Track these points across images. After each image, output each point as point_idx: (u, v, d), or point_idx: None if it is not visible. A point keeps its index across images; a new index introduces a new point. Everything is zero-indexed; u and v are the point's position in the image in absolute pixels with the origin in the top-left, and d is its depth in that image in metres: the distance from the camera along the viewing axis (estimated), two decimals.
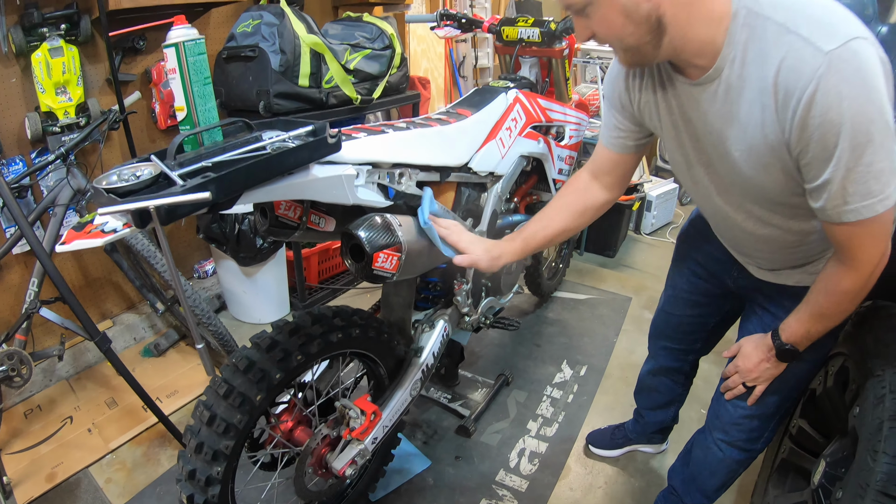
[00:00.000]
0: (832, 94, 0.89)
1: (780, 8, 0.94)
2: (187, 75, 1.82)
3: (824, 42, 0.88)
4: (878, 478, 1.04)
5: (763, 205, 1.18)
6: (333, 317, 1.48)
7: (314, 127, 1.20)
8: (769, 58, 0.94)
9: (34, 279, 2.19)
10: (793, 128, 0.95)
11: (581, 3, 0.99)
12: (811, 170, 0.99)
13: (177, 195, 0.89)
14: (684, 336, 1.80)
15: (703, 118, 1.11)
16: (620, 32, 1.00)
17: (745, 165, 1.10)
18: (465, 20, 2.36)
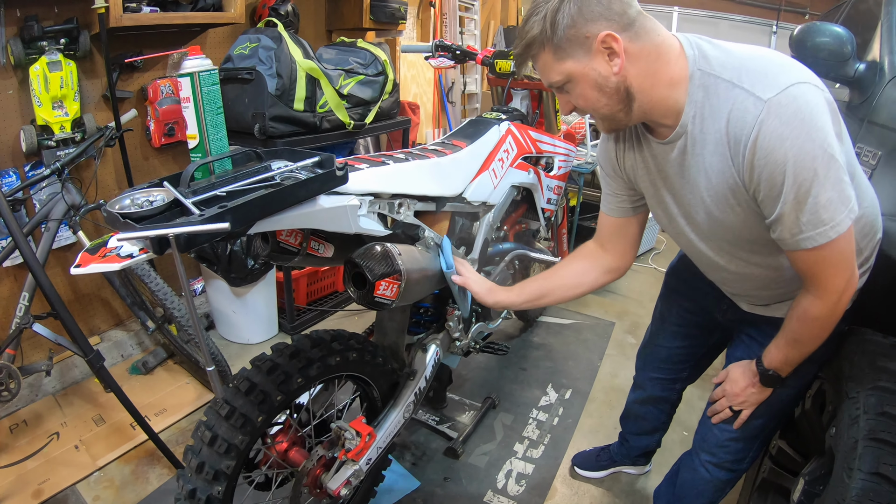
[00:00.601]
0: (773, 136, 1.01)
1: (728, 67, 1.08)
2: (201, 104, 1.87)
3: (763, 91, 1.02)
4: (854, 493, 1.09)
5: (742, 245, 1.28)
6: (332, 340, 1.53)
7: (320, 158, 1.25)
8: (720, 111, 1.08)
9: (25, 293, 2.20)
10: (743, 170, 1.09)
11: (560, 82, 1.15)
12: (766, 206, 1.11)
13: (196, 224, 0.93)
14: (673, 367, 1.86)
15: (676, 172, 1.23)
16: (596, 104, 1.16)
17: (716, 210, 1.21)
18: (459, 52, 2.43)
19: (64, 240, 2.53)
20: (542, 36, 1.10)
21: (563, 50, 1.10)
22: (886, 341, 1.35)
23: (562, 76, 1.14)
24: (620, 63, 1.09)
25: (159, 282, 2.30)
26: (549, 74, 1.16)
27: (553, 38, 1.09)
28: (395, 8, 3.80)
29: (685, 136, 1.16)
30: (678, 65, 1.12)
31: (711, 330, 1.73)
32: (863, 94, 1.97)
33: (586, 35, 1.07)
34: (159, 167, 2.96)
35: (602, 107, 1.16)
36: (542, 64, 1.15)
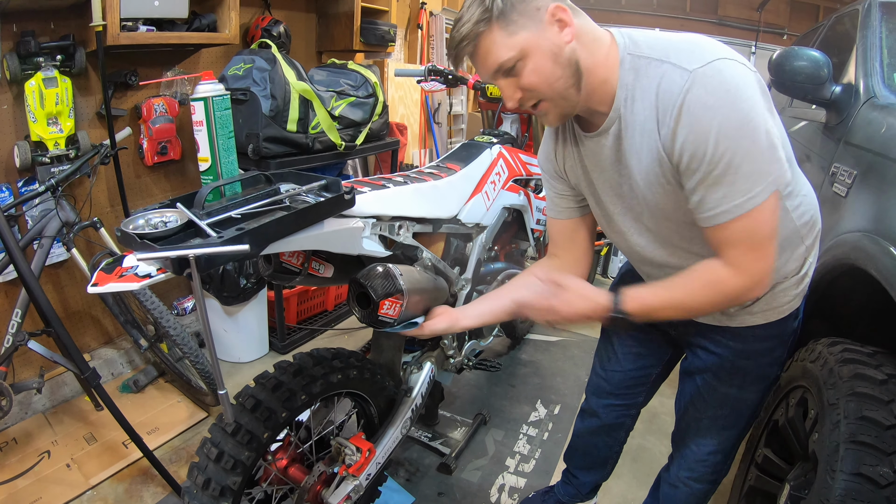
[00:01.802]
0: (698, 105, 1.02)
1: (655, 47, 1.11)
2: (214, 129, 1.90)
3: (689, 63, 1.04)
4: (837, 493, 1.15)
5: (680, 232, 1.24)
6: (333, 359, 1.57)
7: (326, 182, 1.30)
8: (649, 88, 1.09)
9: (18, 310, 2.19)
10: (667, 139, 1.08)
11: (513, 59, 1.11)
12: (687, 177, 1.09)
13: (217, 246, 0.97)
14: (628, 391, 1.80)
15: (612, 163, 1.24)
16: (551, 77, 1.12)
17: (648, 192, 1.19)
18: (451, 76, 2.49)
19: (56, 256, 2.54)
20: (490, 13, 1.08)
21: (514, 23, 1.09)
22: (864, 350, 1.41)
23: (515, 51, 1.10)
24: (572, 32, 1.10)
25: (155, 300, 2.32)
26: (498, 53, 1.11)
27: (503, 11, 1.08)
28: (384, 31, 3.88)
29: (618, 122, 1.17)
30: (611, 52, 1.14)
31: (664, 346, 1.70)
32: (839, 116, 2.05)
33: (536, 7, 1.09)
34: (152, 185, 2.99)
35: (557, 80, 1.13)
36: (490, 44, 1.11)
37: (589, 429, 1.92)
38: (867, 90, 1.99)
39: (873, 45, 2.19)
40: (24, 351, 2.20)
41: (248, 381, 1.52)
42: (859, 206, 1.62)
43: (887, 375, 1.30)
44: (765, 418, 1.74)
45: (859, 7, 2.49)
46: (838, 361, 1.40)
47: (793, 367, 1.63)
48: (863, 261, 1.42)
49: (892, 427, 1.20)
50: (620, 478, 2.29)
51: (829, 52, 2.21)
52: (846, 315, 1.77)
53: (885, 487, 1.12)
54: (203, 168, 1.99)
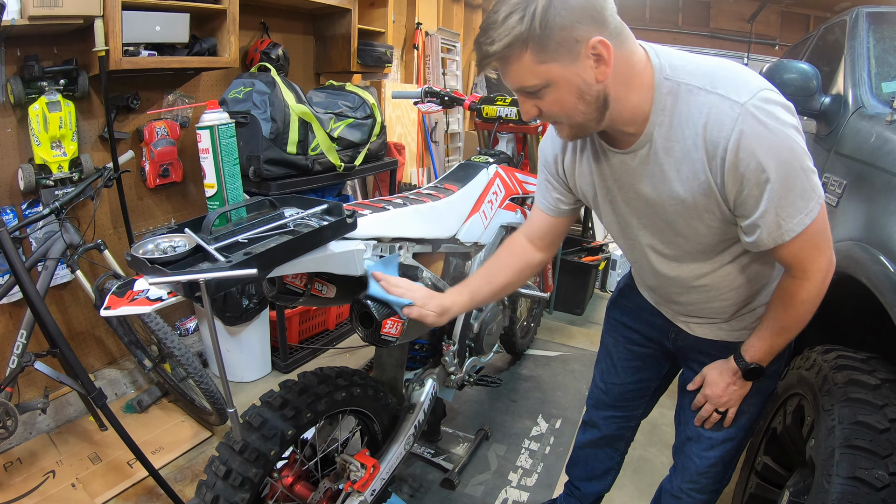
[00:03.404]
0: (753, 136, 1.04)
1: (697, 74, 1.10)
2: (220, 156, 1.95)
3: (738, 96, 1.05)
4: (834, 497, 1.17)
5: (698, 250, 1.31)
6: (337, 377, 1.59)
7: (328, 205, 1.34)
8: (694, 117, 1.09)
9: (23, 331, 2.21)
10: (724, 173, 1.09)
11: (537, 86, 1.09)
12: (747, 206, 1.12)
13: (226, 270, 1.01)
14: (627, 403, 1.84)
15: (635, 181, 1.24)
16: (572, 111, 1.11)
17: (679, 218, 1.23)
18: (447, 98, 2.53)
19: (60, 278, 2.56)
20: (528, 34, 1.01)
21: (548, 52, 1.03)
22: (858, 356, 1.44)
23: (540, 80, 1.07)
24: (607, 71, 1.06)
25: (159, 321, 2.34)
26: (523, 77, 1.08)
27: (540, 38, 1.02)
28: (381, 52, 3.94)
29: (650, 145, 1.16)
30: (646, 72, 1.12)
31: (662, 360, 1.73)
32: (829, 126, 2.08)
33: (576, 38, 1.02)
34: (154, 207, 3.02)
35: (577, 115, 1.12)
36: (518, 67, 1.07)
37: (590, 440, 1.95)
38: (856, 100, 2.03)
39: (861, 55, 2.23)
40: (29, 371, 2.21)
41: (251, 401, 1.54)
42: (849, 215, 1.64)
43: (880, 380, 1.33)
44: (763, 426, 1.77)
45: (847, 18, 2.54)
46: (832, 368, 1.43)
47: (789, 375, 1.66)
48: (853, 269, 1.45)
49: (886, 431, 1.22)
50: (622, 489, 2.31)
51: (819, 63, 2.26)
52: (840, 322, 1.80)
53: (880, 490, 1.15)
54: (209, 194, 2.03)
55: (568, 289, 3.99)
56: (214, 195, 1.99)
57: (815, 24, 6.81)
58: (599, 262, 4.03)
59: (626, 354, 1.76)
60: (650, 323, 1.66)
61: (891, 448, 1.20)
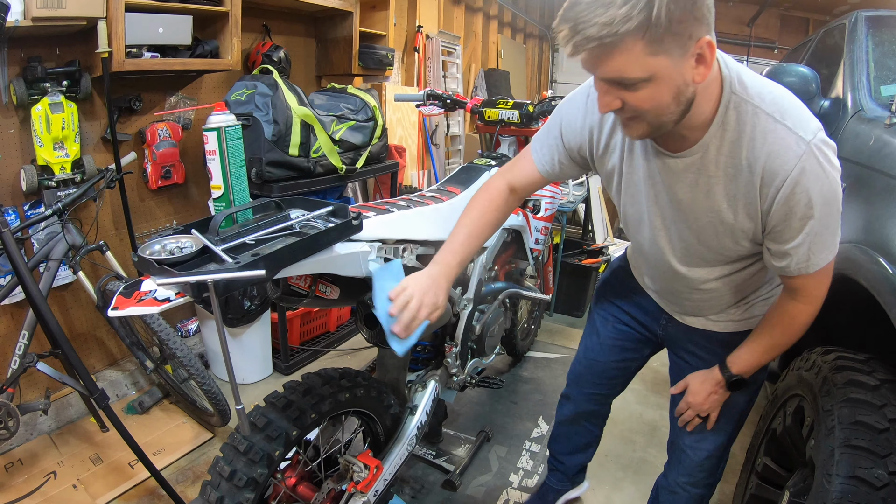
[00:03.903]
0: (812, 175, 1.08)
1: (765, 98, 1.10)
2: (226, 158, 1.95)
3: (804, 132, 1.08)
4: (834, 496, 1.18)
5: (712, 263, 1.36)
6: (340, 378, 1.60)
7: (334, 207, 1.35)
8: (757, 141, 1.10)
9: (25, 332, 2.22)
10: (775, 202, 1.12)
11: (638, 79, 1.01)
12: (784, 236, 1.16)
13: (234, 271, 1.02)
14: (609, 381, 1.91)
15: (675, 185, 1.24)
16: (663, 110, 1.06)
17: (710, 230, 1.26)
18: (449, 101, 2.54)
19: (61, 279, 2.57)
20: (650, 23, 0.93)
21: (661, 44, 0.96)
22: (857, 357, 1.46)
23: (645, 73, 0.99)
24: (706, 73, 1.03)
25: (161, 322, 2.35)
26: (626, 67, 0.99)
27: (657, 27, 0.94)
28: (382, 55, 3.95)
29: (701, 154, 1.16)
30: (716, 82, 1.10)
31: (647, 344, 1.79)
32: (828, 129, 2.10)
33: (690, 35, 0.97)
34: (156, 209, 3.03)
35: (666, 114, 1.07)
36: (625, 55, 0.98)
37: (569, 417, 2.04)
38: (855, 104, 2.05)
39: (860, 58, 2.25)
40: (31, 372, 2.22)
41: (252, 402, 1.55)
42: (849, 217, 1.65)
43: (880, 381, 1.35)
44: (764, 427, 1.78)
45: (846, 21, 2.55)
46: (832, 369, 1.45)
47: (789, 376, 1.68)
48: (852, 271, 1.47)
49: (886, 430, 1.24)
50: (623, 490, 2.32)
51: (819, 66, 2.27)
52: (840, 324, 1.81)
53: (880, 489, 1.16)
54: (216, 195, 2.03)
55: (568, 291, 4.01)
56: (221, 196, 1.99)
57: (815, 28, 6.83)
58: (600, 265, 4.05)
59: (614, 333, 1.81)
60: (643, 307, 1.72)
61: (890, 448, 1.21)
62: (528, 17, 7.96)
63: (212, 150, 1.97)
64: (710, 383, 1.49)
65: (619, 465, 2.48)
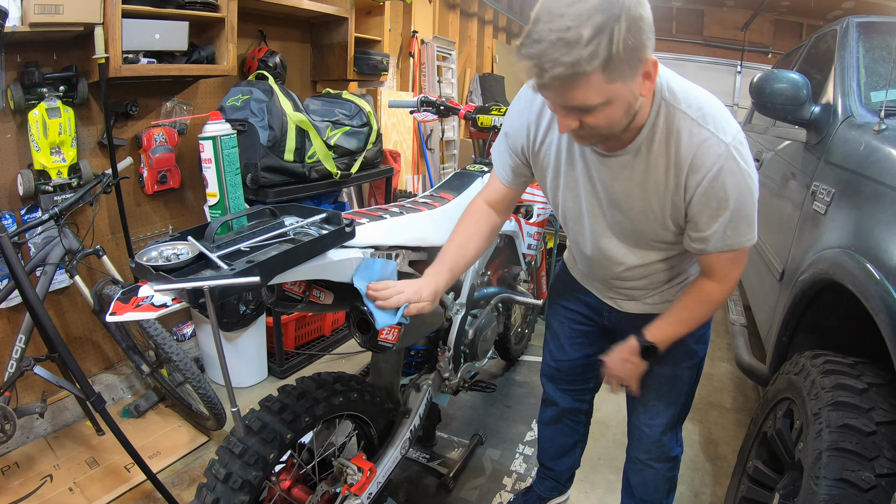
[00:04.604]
0: (730, 173, 1.21)
1: (692, 105, 1.23)
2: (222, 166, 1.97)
3: (725, 135, 1.21)
4: (821, 499, 1.20)
5: (644, 245, 1.46)
6: (334, 382, 1.62)
7: (327, 214, 1.37)
8: (683, 142, 1.22)
9: (21, 335, 2.23)
10: (695, 194, 1.25)
11: (599, 104, 1.09)
12: (700, 223, 1.29)
13: (230, 278, 1.03)
14: (578, 377, 1.98)
15: (611, 181, 1.36)
16: (616, 124, 1.17)
17: (642, 217, 1.37)
18: (443, 107, 2.55)
19: (58, 283, 2.58)
20: (604, 59, 1.00)
21: (617, 72, 1.04)
22: (846, 360, 1.47)
23: (604, 98, 1.07)
24: (651, 86, 1.13)
25: (157, 326, 2.36)
26: (588, 97, 1.07)
27: (613, 61, 1.01)
28: (377, 60, 3.97)
29: (634, 154, 1.28)
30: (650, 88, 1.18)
31: (602, 335, 1.86)
32: (819, 135, 2.11)
33: (640, 59, 1.06)
34: (152, 213, 3.04)
35: (618, 127, 1.18)
36: (585, 88, 1.05)
37: (550, 417, 2.10)
38: (845, 110, 2.06)
39: (850, 65, 2.26)
40: (27, 376, 2.22)
41: (247, 406, 1.57)
42: (838, 223, 1.69)
43: (867, 384, 1.36)
44: (754, 430, 1.80)
45: (838, 27, 2.57)
46: (820, 373, 1.46)
47: (779, 380, 1.70)
48: (841, 276, 1.49)
49: (873, 433, 1.25)
50: (615, 493, 2.31)
51: (811, 72, 2.29)
52: (829, 328, 1.83)
53: (867, 491, 1.17)
54: (211, 203, 2.05)
55: None
56: (216, 204, 2.01)
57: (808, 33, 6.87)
58: None
59: (571, 333, 1.91)
60: (585, 303, 1.82)
61: (877, 451, 1.22)
62: (523, 22, 7.99)
63: (207, 159, 1.99)
64: (625, 351, 1.58)
65: (611, 469, 2.50)
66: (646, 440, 1.78)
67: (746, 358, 2.38)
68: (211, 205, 2.02)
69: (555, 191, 1.52)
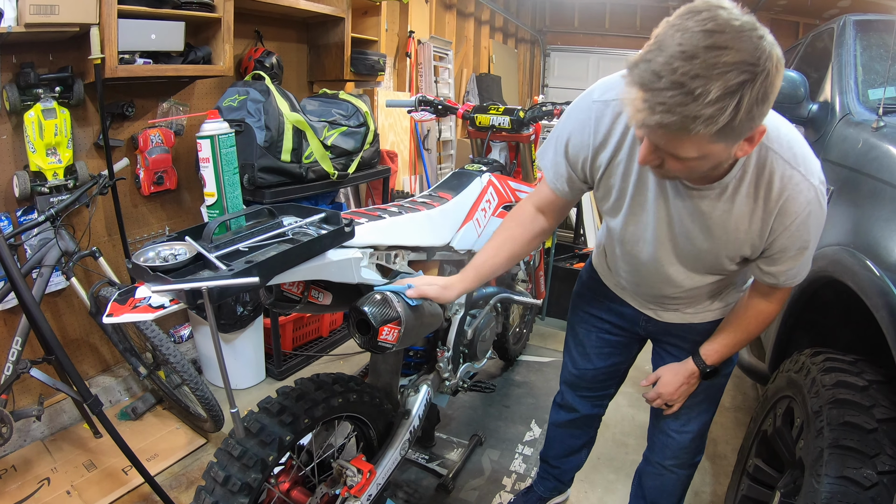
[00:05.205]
0: (814, 216, 1.21)
1: (784, 145, 1.18)
2: (220, 165, 1.96)
3: (812, 178, 1.18)
4: (823, 496, 1.20)
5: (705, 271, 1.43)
6: (333, 383, 1.61)
7: (326, 214, 1.36)
8: (775, 184, 1.18)
9: (18, 338, 2.22)
10: (781, 233, 1.23)
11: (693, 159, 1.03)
12: (780, 261, 1.29)
13: (228, 278, 1.03)
14: (601, 385, 1.94)
15: (689, 215, 1.29)
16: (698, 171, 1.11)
17: (713, 251, 1.34)
18: (441, 106, 2.55)
19: (54, 285, 2.57)
20: (728, 126, 0.92)
21: (727, 137, 0.97)
22: (846, 358, 1.48)
23: (700, 154, 1.01)
24: (749, 150, 1.06)
25: (155, 328, 2.35)
26: (685, 148, 1.01)
27: (733, 127, 0.93)
28: (374, 60, 3.96)
29: (720, 191, 1.21)
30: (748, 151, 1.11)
31: (632, 344, 1.84)
32: (816, 133, 2.11)
33: (752, 127, 0.98)
34: (148, 215, 3.03)
35: (698, 174, 1.13)
36: (690, 140, 0.98)
37: (566, 420, 2.06)
38: (843, 107, 2.06)
39: (848, 63, 2.27)
40: (24, 378, 2.21)
41: (246, 407, 1.56)
42: (837, 220, 1.68)
43: (868, 382, 1.36)
44: (754, 429, 1.80)
45: (834, 26, 2.57)
46: (821, 370, 1.46)
47: (778, 378, 1.70)
48: (841, 273, 1.50)
49: (874, 431, 1.25)
50: (615, 493, 2.34)
51: (808, 70, 2.29)
52: (829, 326, 1.83)
53: (869, 489, 1.18)
54: (209, 202, 2.04)
55: (560, 295, 4.00)
56: (214, 203, 2.00)
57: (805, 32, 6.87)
58: None
59: (598, 342, 1.85)
60: (620, 313, 1.76)
61: (878, 448, 1.22)
62: (519, 22, 8.00)
63: (205, 158, 1.98)
64: (683, 375, 1.58)
65: (611, 468, 2.50)
66: (674, 446, 1.76)
67: (746, 356, 2.38)
68: (209, 205, 2.01)
69: (615, 211, 1.44)
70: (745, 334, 1.51)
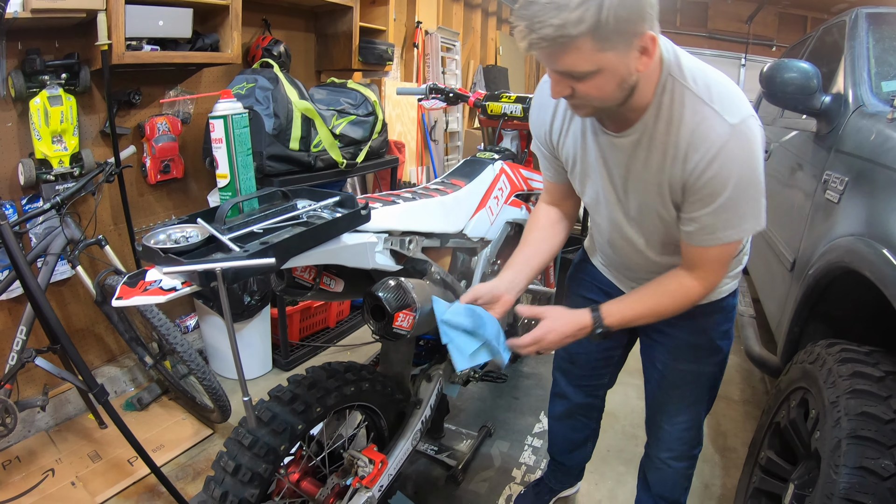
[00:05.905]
0: (730, 157, 1.15)
1: (699, 82, 1.18)
2: (233, 146, 1.93)
3: (730, 116, 1.14)
4: (842, 487, 1.19)
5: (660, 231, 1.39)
6: (345, 372, 1.59)
7: (341, 197, 1.34)
8: (686, 121, 1.17)
9: (23, 327, 2.20)
10: (691, 175, 1.19)
11: (588, 72, 1.08)
12: (694, 205, 1.23)
13: (243, 259, 1.01)
14: (593, 371, 1.93)
15: (622, 162, 1.31)
16: (608, 96, 1.14)
17: (647, 198, 1.32)
18: (452, 94, 2.53)
19: (59, 274, 2.55)
20: (596, 24, 1.00)
21: (608, 41, 1.03)
22: (862, 349, 1.46)
23: (594, 66, 1.07)
24: (648, 63, 1.10)
25: (161, 317, 2.33)
26: (576, 63, 1.07)
27: (605, 28, 1.01)
28: (382, 50, 3.94)
29: (641, 133, 1.24)
30: (657, 66, 1.17)
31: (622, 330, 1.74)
32: (830, 125, 2.11)
33: (635, 32, 1.05)
34: (155, 203, 3.01)
35: (611, 98, 1.15)
36: (574, 54, 1.06)
37: (562, 411, 2.06)
38: (856, 99, 2.05)
39: (861, 55, 2.26)
40: (29, 368, 2.20)
41: (254, 397, 1.53)
42: (852, 211, 1.68)
43: (885, 372, 1.35)
44: (766, 421, 1.79)
45: (846, 18, 2.56)
46: (837, 361, 1.45)
47: (792, 369, 1.68)
48: (857, 263, 1.48)
49: (892, 421, 1.24)
50: (626, 485, 2.32)
51: (818, 63, 2.27)
52: (842, 317, 1.82)
53: (887, 479, 1.17)
54: (221, 184, 2.02)
55: None
56: (227, 185, 1.97)
57: (813, 26, 6.85)
58: None
59: None
60: (606, 293, 1.74)
61: None
62: None
63: (218, 139, 1.95)
64: (573, 326, 1.42)
65: (621, 461, 2.48)
66: (667, 438, 1.75)
67: (757, 349, 2.36)
68: (221, 187, 1.97)
69: (574, 179, 1.50)
70: (654, 303, 1.40)
